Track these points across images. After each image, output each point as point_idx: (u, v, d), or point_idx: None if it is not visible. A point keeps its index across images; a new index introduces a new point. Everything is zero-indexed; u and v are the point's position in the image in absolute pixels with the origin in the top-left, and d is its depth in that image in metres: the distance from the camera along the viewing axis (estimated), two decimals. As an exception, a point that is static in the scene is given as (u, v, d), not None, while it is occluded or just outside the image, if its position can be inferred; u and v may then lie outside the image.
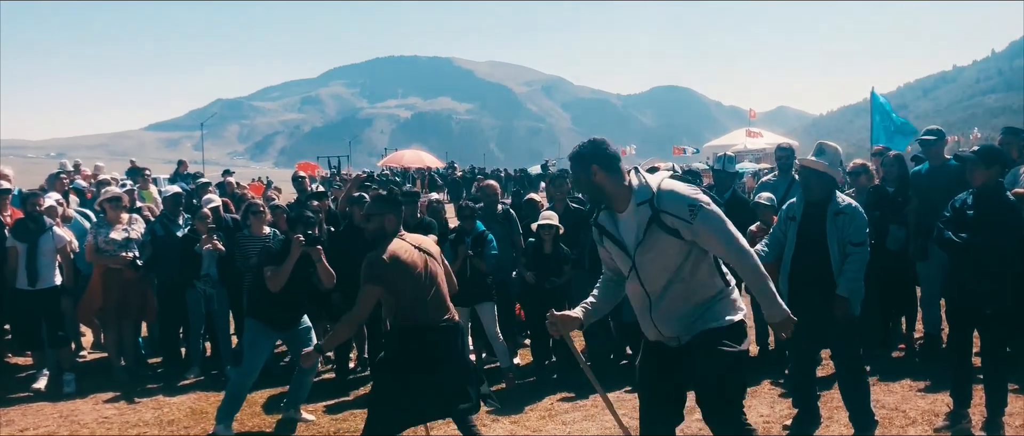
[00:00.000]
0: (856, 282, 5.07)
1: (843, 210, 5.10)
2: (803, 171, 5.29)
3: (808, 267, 5.14)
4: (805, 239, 5.19)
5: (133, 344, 7.93)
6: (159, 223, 8.02)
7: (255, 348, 6.05)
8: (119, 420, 6.42)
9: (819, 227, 5.13)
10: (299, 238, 5.93)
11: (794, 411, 5.68)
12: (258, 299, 6.18)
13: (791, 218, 5.33)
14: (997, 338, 5.16)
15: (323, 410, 6.55)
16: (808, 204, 5.24)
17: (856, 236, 5.07)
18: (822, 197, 5.14)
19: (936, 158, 7.12)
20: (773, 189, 7.96)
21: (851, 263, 5.05)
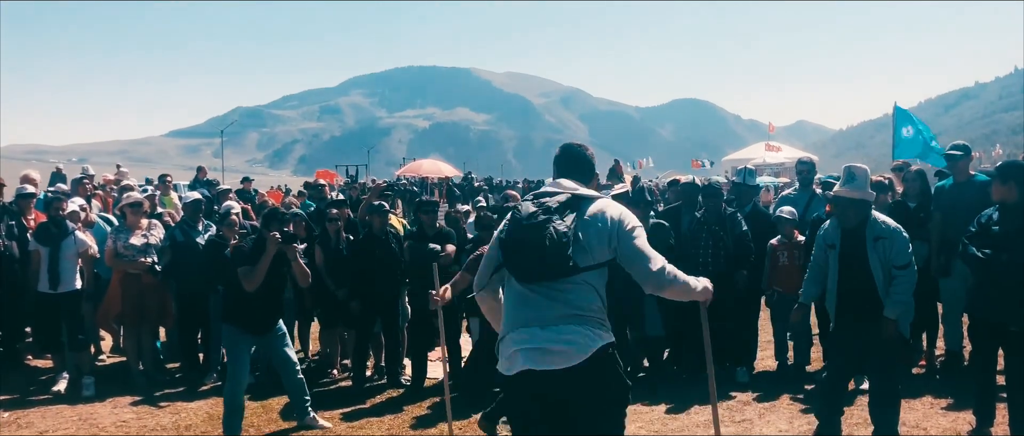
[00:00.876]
0: (905, 305, 5.04)
1: (883, 234, 5.06)
2: (837, 201, 5.26)
3: (853, 293, 5.12)
4: (847, 266, 5.17)
5: (151, 349, 7.97)
6: (179, 229, 8.06)
7: (235, 355, 5.98)
8: (137, 424, 6.44)
9: (860, 252, 5.10)
10: (275, 236, 5.82)
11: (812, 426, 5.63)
12: (233, 303, 6.05)
13: (830, 246, 5.31)
14: (1021, 356, 5.09)
15: (340, 417, 6.55)
16: (846, 231, 5.20)
17: (900, 259, 5.03)
18: (859, 223, 5.12)
19: (961, 174, 7.05)
20: (793, 203, 7.93)
21: (898, 285, 5.01)
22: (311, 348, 8.80)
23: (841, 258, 5.21)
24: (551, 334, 3.19)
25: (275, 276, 5.97)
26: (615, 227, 3.29)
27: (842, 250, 5.21)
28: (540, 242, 3.15)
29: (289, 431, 6.24)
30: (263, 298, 5.91)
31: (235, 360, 5.98)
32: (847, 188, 5.14)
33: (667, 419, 6.23)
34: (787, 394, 6.68)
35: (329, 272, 7.74)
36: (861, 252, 5.07)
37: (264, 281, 5.82)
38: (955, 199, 6.90)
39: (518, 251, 3.23)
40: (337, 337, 8.19)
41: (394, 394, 7.24)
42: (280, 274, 6.03)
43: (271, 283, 5.93)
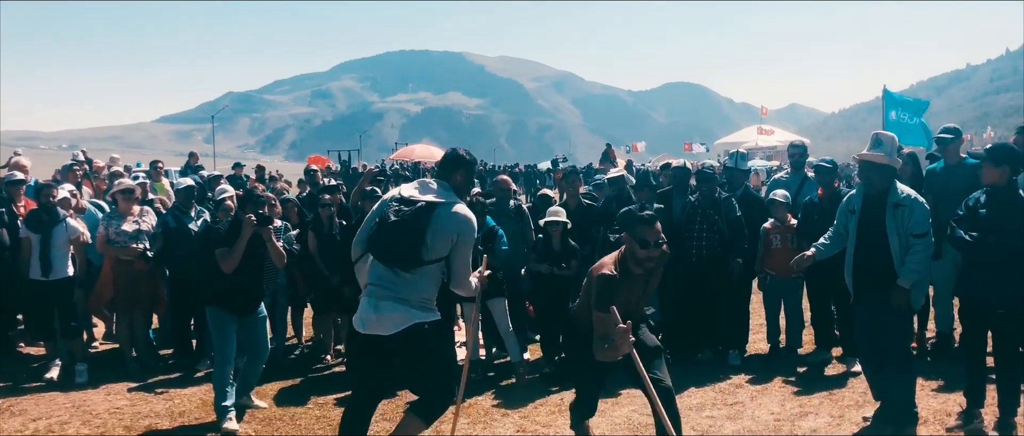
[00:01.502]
0: (918, 274, 5.05)
1: (902, 202, 5.08)
2: (863, 165, 5.28)
3: (870, 259, 5.16)
4: (866, 232, 5.20)
5: (145, 335, 7.97)
6: (171, 215, 8.03)
7: (222, 336, 5.99)
8: (131, 411, 6.44)
9: (879, 219, 5.12)
10: (250, 218, 5.86)
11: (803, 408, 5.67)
12: (213, 285, 6.05)
13: (851, 211, 5.35)
14: (1010, 338, 5.13)
15: (334, 403, 6.56)
16: (867, 197, 5.24)
17: (918, 227, 5.04)
18: (882, 189, 5.14)
19: (952, 157, 7.07)
20: (785, 186, 7.95)
21: (914, 255, 5.03)
22: (305, 334, 8.80)
23: (860, 224, 5.24)
24: (383, 307, 4.32)
25: (253, 258, 6.01)
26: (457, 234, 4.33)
27: (862, 216, 5.24)
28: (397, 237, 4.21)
29: (283, 415, 6.25)
30: (243, 279, 5.96)
31: (222, 340, 5.99)
32: (873, 153, 5.17)
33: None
34: (779, 377, 6.72)
35: (322, 257, 7.73)
36: (880, 219, 5.10)
37: (243, 263, 5.88)
38: (946, 182, 6.92)
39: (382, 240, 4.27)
40: (331, 323, 8.19)
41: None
42: (258, 255, 6.07)
43: (249, 264, 5.97)
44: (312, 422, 6.11)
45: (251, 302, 6.13)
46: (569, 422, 5.81)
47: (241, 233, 5.86)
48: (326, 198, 7.99)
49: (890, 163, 5.16)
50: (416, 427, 4.38)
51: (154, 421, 6.20)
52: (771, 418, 5.75)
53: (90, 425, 6.07)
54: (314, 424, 6.06)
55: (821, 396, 6.17)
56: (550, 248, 7.27)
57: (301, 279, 8.01)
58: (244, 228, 5.86)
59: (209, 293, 6.12)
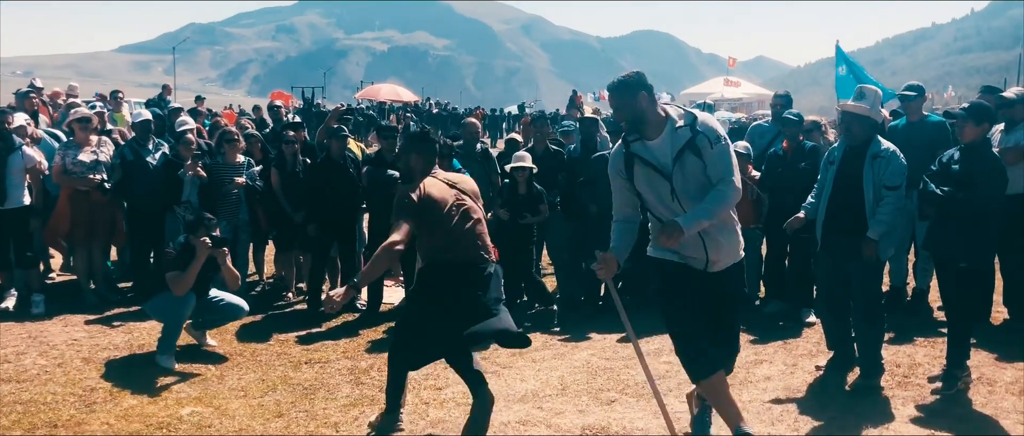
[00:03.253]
0: (888, 226, 5.11)
1: (880, 154, 5.13)
2: (844, 116, 5.33)
3: (842, 209, 5.21)
4: (842, 182, 5.25)
5: (102, 268, 7.87)
6: (129, 147, 7.89)
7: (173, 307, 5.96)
8: (89, 343, 6.40)
9: (857, 170, 5.17)
10: (205, 242, 5.86)
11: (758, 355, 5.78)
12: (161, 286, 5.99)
13: (830, 162, 5.40)
14: (968, 291, 5.27)
15: (295, 340, 6.58)
16: (849, 149, 5.28)
17: (892, 180, 5.09)
18: (863, 140, 5.19)
19: (914, 114, 7.16)
20: (763, 134, 8.04)
21: (884, 207, 5.09)
22: (266, 271, 8.76)
23: (837, 174, 5.29)
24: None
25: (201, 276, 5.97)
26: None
27: (840, 167, 5.30)
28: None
29: (243, 351, 6.25)
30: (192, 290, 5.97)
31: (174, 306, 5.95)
32: (856, 104, 5.23)
33: (618, 347, 6.36)
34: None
35: (285, 195, 7.67)
36: (858, 170, 5.16)
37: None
38: (907, 138, 6.99)
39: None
40: (292, 260, 8.16)
41: (350, 318, 7.28)
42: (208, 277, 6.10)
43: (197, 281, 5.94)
44: (273, 358, 6.13)
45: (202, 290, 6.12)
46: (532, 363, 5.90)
47: (195, 256, 5.83)
48: (290, 135, 7.90)
49: (871, 115, 5.21)
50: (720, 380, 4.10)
51: (113, 353, 6.17)
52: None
53: (47, 356, 6.03)
54: (275, 360, 6.07)
55: (775, 345, 6.30)
56: (516, 193, 7.27)
57: (264, 216, 7.95)
58: (198, 251, 5.84)
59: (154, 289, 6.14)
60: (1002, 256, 6.35)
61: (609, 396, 5.32)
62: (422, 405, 5.12)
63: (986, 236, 5.12)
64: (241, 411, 5.04)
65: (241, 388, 5.48)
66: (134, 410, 5.03)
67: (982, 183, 5.00)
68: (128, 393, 5.33)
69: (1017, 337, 6.23)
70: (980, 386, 5.25)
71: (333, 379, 5.66)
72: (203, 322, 6.34)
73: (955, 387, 5.10)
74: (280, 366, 5.95)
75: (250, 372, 5.81)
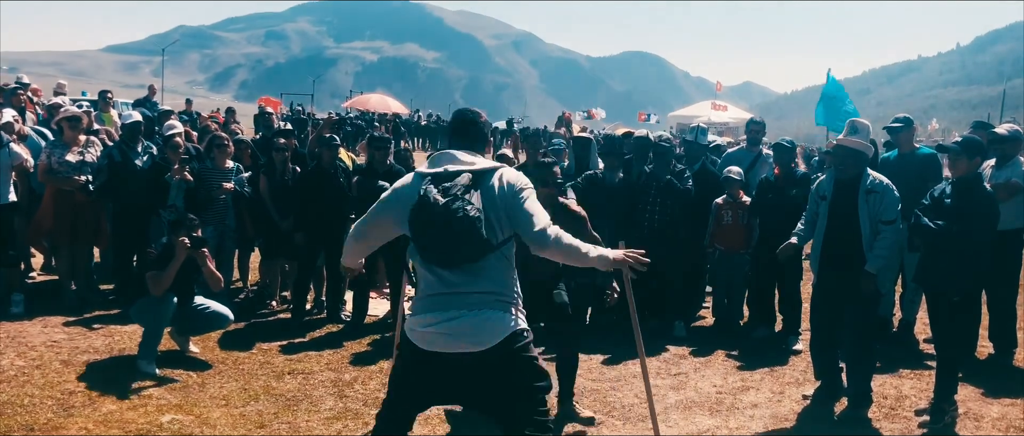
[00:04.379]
0: (886, 260, 5.17)
1: (874, 188, 5.18)
2: (840, 150, 5.35)
3: (839, 245, 5.23)
4: (836, 217, 5.28)
5: (85, 269, 7.76)
6: (117, 149, 7.80)
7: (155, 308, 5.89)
8: (69, 345, 6.29)
9: (850, 205, 5.21)
10: (184, 242, 5.82)
11: (745, 382, 5.76)
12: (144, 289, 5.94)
13: (822, 197, 5.43)
14: (958, 325, 5.28)
15: (278, 349, 6.50)
16: (839, 182, 5.32)
17: (888, 214, 5.14)
18: (856, 174, 5.23)
19: (904, 146, 7.18)
20: (739, 161, 8.05)
21: (882, 241, 5.14)
22: (250, 278, 8.68)
23: (831, 209, 5.32)
24: (470, 316, 3.16)
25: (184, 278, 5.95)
26: (507, 192, 3.22)
27: (833, 202, 5.33)
28: (452, 227, 3.04)
29: (226, 359, 6.17)
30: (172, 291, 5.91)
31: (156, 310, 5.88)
32: (851, 138, 5.28)
33: (605, 368, 6.32)
34: (722, 351, 6.83)
35: (273, 201, 7.60)
36: (851, 205, 5.19)
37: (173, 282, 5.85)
38: (899, 170, 7.02)
39: (430, 235, 3.11)
40: (277, 268, 8.08)
41: (334, 329, 7.21)
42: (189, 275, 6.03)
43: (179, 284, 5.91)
44: (255, 367, 6.04)
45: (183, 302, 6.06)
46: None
47: (174, 256, 5.80)
48: (280, 142, 7.84)
49: (865, 150, 5.28)
50: None
51: (93, 356, 6.07)
52: (713, 390, 5.85)
53: (25, 357, 5.92)
54: (258, 370, 5.99)
55: (763, 372, 6.28)
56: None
57: (250, 222, 7.87)
58: (177, 252, 5.80)
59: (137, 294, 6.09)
60: (989, 291, 6.37)
61: (596, 419, 5.27)
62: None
63: (978, 270, 5.13)
64: (222, 421, 4.96)
65: (223, 397, 5.40)
66: (113, 416, 4.94)
67: (975, 217, 5.02)
68: (107, 398, 5.23)
69: (1003, 372, 6.25)
70: (967, 421, 5.25)
71: (316, 391, 5.59)
72: (186, 328, 6.26)
73: (942, 421, 5.09)
74: (263, 376, 5.87)
75: (232, 381, 5.73)
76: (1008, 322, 6.61)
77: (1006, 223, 5.82)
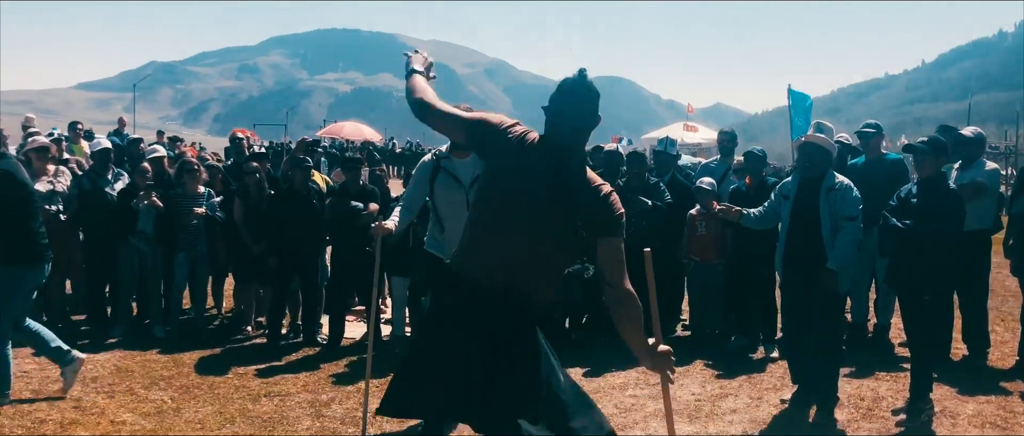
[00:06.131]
0: (847, 258, 5.21)
1: (836, 187, 5.26)
2: (806, 146, 5.42)
3: (801, 244, 5.30)
4: (799, 217, 5.34)
5: (57, 299, 7.66)
6: (87, 177, 7.73)
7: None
8: (40, 375, 6.20)
9: (812, 204, 5.29)
10: None
11: (724, 390, 5.77)
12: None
13: (785, 197, 5.49)
14: (932, 322, 5.34)
15: (254, 374, 6.43)
16: (803, 182, 5.40)
17: (849, 210, 5.21)
18: (820, 172, 5.31)
19: (873, 151, 7.28)
20: (713, 172, 8.11)
21: (843, 238, 5.19)
22: (225, 305, 8.60)
23: (793, 210, 5.40)
24: None
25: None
26: None
27: (796, 201, 5.40)
28: None
29: (201, 384, 6.09)
30: None
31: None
32: (819, 135, 5.43)
33: (584, 381, 6.30)
34: (701, 360, 6.84)
35: (247, 226, 7.55)
36: (813, 203, 5.27)
37: None
38: (866, 176, 7.10)
39: None
40: (252, 294, 8.01)
41: (310, 352, 7.14)
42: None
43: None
44: (231, 391, 5.97)
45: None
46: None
47: None
48: (252, 165, 7.81)
49: (829, 147, 5.39)
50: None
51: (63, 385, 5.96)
52: (692, 398, 5.85)
53: (-7, 387, 5.80)
54: (233, 393, 5.92)
55: (741, 379, 6.30)
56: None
57: (222, 248, 7.81)
58: None
59: None
60: (960, 292, 6.44)
61: None
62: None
63: (948, 265, 5.20)
64: (198, 444, 4.90)
65: (198, 420, 5.33)
66: (85, 443, 4.86)
67: (942, 216, 5.09)
68: (79, 426, 5.15)
69: (976, 372, 6.31)
70: (943, 419, 5.29)
71: (293, 412, 5.53)
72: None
73: (919, 419, 5.14)
74: (238, 399, 5.80)
75: (207, 405, 5.66)
76: (981, 323, 6.69)
77: (972, 223, 5.91)
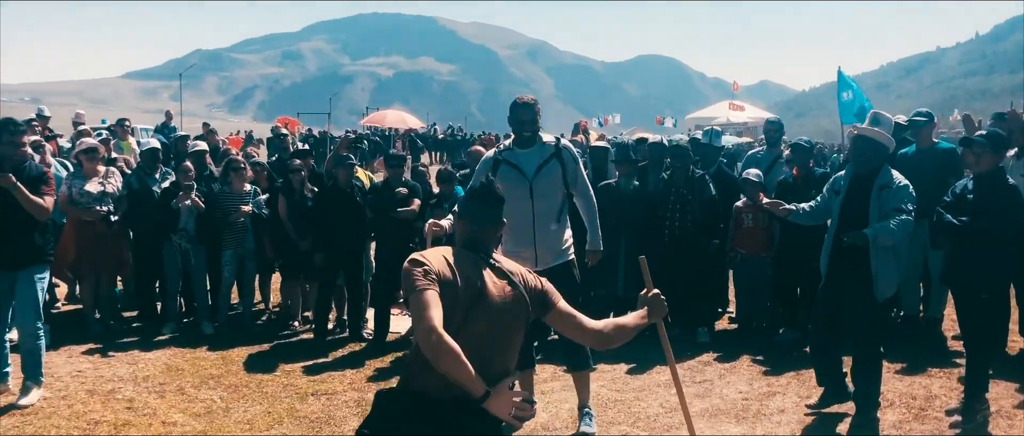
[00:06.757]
0: (886, 233, 4.76)
1: (888, 184, 4.89)
2: (859, 140, 5.09)
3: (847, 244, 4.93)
4: (848, 214, 4.99)
5: (109, 298, 7.82)
6: (135, 176, 7.87)
7: None
8: (93, 374, 6.33)
9: (862, 201, 4.93)
10: None
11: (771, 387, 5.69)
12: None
13: (836, 192, 5.17)
14: (990, 321, 5.17)
15: (301, 370, 6.51)
16: (856, 177, 5.06)
17: (897, 203, 4.82)
18: (874, 168, 4.97)
19: (924, 141, 7.10)
20: (759, 163, 7.96)
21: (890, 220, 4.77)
22: (272, 299, 8.72)
23: (843, 206, 5.06)
24: None
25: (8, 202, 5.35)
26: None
27: (846, 198, 5.07)
28: None
29: (249, 381, 6.18)
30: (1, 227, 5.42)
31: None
32: (872, 128, 5.04)
33: (629, 378, 6.27)
34: (747, 355, 6.76)
35: (292, 222, 7.63)
36: (864, 200, 4.92)
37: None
38: (918, 165, 6.93)
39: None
40: (298, 289, 8.10)
41: (356, 348, 7.21)
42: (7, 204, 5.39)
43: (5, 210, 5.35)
44: (279, 390, 6.05)
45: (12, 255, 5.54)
46: (540, 396, 5.82)
47: None
48: (296, 163, 7.87)
49: (885, 142, 5.04)
50: None
51: (116, 385, 6.10)
52: (739, 396, 5.78)
53: (52, 388, 5.95)
54: (281, 392, 5.99)
55: (789, 376, 6.20)
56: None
57: (269, 244, 7.90)
58: None
59: None
60: (1018, 285, 6.26)
61: (620, 429, 5.24)
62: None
63: (1006, 264, 5.03)
64: (247, 445, 4.97)
65: (247, 421, 5.41)
66: (138, 444, 4.96)
67: (1000, 212, 4.91)
68: (132, 426, 5.26)
69: (1034, 368, 6.14)
70: (999, 419, 5.15)
71: (339, 411, 5.59)
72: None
73: (974, 420, 5.00)
74: (286, 398, 5.87)
75: (256, 404, 5.74)
76: (1039, 316, 6.51)
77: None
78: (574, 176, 5.13)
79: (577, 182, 5.17)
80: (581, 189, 5.21)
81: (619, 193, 7.21)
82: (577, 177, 5.16)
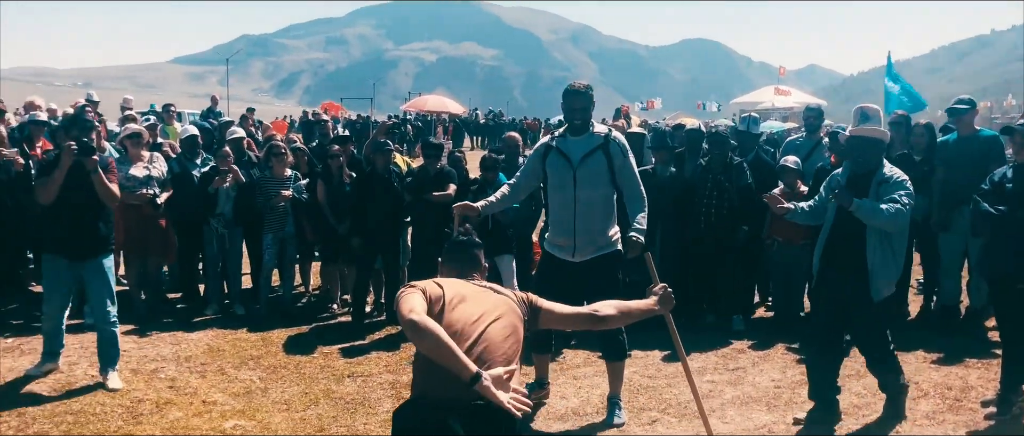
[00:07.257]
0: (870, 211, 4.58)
1: (886, 179, 4.74)
2: (854, 142, 4.91)
3: (842, 241, 4.80)
4: (845, 215, 4.76)
5: (154, 280, 8.02)
6: (177, 161, 8.05)
7: (52, 284, 5.79)
8: (138, 354, 6.52)
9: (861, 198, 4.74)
10: (70, 145, 5.31)
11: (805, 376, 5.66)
12: (43, 226, 5.63)
13: (833, 191, 4.96)
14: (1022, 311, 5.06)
15: (339, 352, 6.63)
16: (854, 176, 4.89)
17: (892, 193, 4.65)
18: (874, 166, 4.82)
19: (966, 128, 6.97)
20: (798, 150, 7.88)
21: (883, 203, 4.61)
22: (312, 283, 8.87)
23: (840, 206, 4.85)
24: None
25: (78, 192, 5.44)
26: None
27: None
28: None
29: (288, 363, 6.31)
30: (69, 217, 5.53)
31: (52, 291, 5.81)
32: (863, 127, 4.86)
33: (662, 365, 6.29)
34: (781, 343, 6.74)
35: (331, 207, 7.75)
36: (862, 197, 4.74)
37: (67, 198, 5.42)
38: (958, 153, 6.83)
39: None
40: (337, 273, 8.24)
41: (392, 331, 7.31)
42: (85, 191, 5.47)
43: (75, 200, 5.46)
44: (316, 371, 6.17)
45: (82, 246, 5.65)
46: (573, 380, 5.86)
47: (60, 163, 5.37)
48: (335, 149, 7.98)
49: (879, 136, 4.88)
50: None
51: (160, 365, 6.27)
52: (771, 385, 5.77)
53: (97, 367, 6.12)
54: (318, 373, 6.12)
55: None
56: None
57: (309, 229, 8.04)
58: (63, 157, 5.34)
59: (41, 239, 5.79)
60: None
61: (651, 415, 5.26)
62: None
63: None
64: (283, 426, 5.09)
65: (284, 401, 5.53)
66: (179, 423, 5.11)
67: None
68: (174, 405, 5.41)
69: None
70: (1035, 411, 5.08)
71: (375, 393, 5.69)
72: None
73: (1010, 412, 4.93)
74: (323, 379, 6.00)
75: (294, 385, 5.87)
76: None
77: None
78: (620, 169, 4.97)
79: (623, 175, 4.99)
80: (626, 183, 5.00)
81: (655, 180, 7.20)
82: (623, 170, 4.98)
